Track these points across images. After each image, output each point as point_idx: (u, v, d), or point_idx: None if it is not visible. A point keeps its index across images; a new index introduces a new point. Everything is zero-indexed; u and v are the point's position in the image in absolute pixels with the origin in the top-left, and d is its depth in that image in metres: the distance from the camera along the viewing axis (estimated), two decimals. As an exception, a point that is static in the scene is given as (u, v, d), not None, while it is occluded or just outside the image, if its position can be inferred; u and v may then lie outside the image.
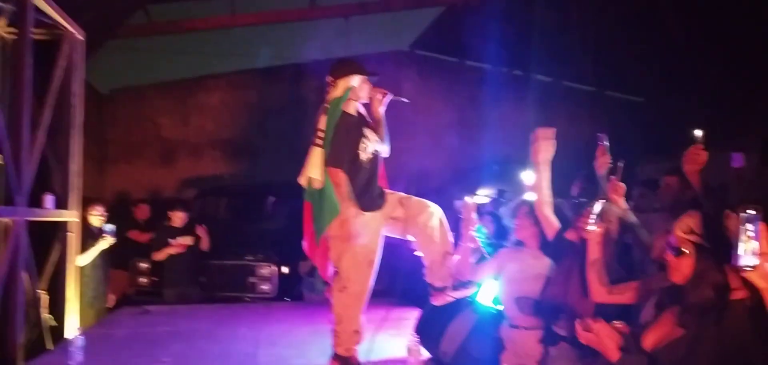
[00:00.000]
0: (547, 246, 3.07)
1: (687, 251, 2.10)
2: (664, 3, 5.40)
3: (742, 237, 1.49)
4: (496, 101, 10.22)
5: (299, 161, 3.57)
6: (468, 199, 3.51)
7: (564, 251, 2.82)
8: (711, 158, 2.82)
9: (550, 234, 3.06)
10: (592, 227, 2.47)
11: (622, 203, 3.22)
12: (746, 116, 7.19)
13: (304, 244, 3.66)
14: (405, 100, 3.64)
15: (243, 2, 8.30)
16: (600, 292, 2.50)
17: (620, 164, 3.10)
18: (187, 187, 9.70)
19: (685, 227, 2.14)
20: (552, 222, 3.08)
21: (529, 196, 3.65)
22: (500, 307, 3.60)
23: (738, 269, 1.50)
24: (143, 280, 6.44)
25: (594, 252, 2.50)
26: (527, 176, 4.85)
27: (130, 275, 6.50)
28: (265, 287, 6.49)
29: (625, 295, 2.51)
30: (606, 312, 2.38)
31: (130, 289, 6.50)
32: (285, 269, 6.56)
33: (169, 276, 6.17)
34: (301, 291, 6.50)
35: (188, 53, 9.85)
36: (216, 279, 6.48)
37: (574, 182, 5.69)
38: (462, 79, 10.89)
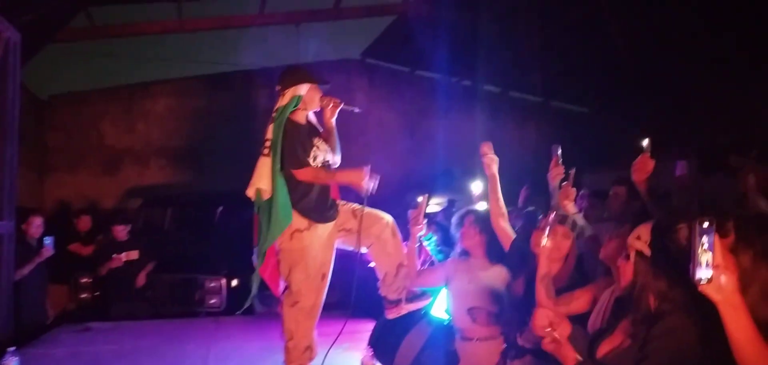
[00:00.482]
0: (504, 257, 3.09)
1: (632, 257, 2.16)
2: (608, 16, 5.56)
3: (698, 250, 1.49)
4: (446, 111, 10.34)
5: (249, 171, 3.50)
6: (420, 198, 3.50)
7: (524, 262, 2.84)
8: (656, 167, 2.92)
9: (506, 244, 3.08)
10: (544, 241, 2.49)
11: (573, 207, 3.30)
12: (685, 126, 7.49)
13: (254, 258, 3.58)
14: (356, 109, 3.60)
15: (191, 7, 8.09)
16: (547, 306, 2.54)
17: (571, 172, 3.17)
18: (131, 197, 9.38)
19: (637, 234, 2.19)
20: (508, 233, 3.10)
21: (479, 205, 3.69)
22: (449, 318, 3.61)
23: (694, 282, 1.51)
24: (85, 295, 6.17)
25: (543, 267, 2.53)
26: (476, 186, 4.92)
27: (70, 290, 6.21)
28: (213, 301, 6.32)
29: (571, 306, 2.55)
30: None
31: (70, 305, 6.22)
32: (235, 282, 6.41)
33: (114, 291, 5.94)
34: (252, 304, 6.36)
35: (133, 58, 9.56)
36: (162, 293, 6.27)
37: (520, 191, 5.80)
38: (412, 89, 10.97)
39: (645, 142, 2.85)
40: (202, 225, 7.69)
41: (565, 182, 3.27)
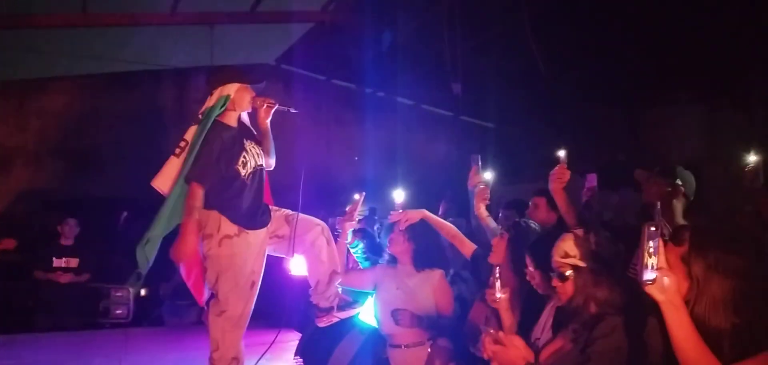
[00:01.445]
0: (429, 264, 3.16)
1: (568, 275, 2.28)
2: (529, 36, 5.86)
3: (645, 253, 1.59)
4: (361, 121, 10.40)
5: (154, 173, 3.34)
6: (357, 195, 3.52)
7: (483, 272, 2.92)
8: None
9: (468, 253, 3.16)
10: (499, 294, 2.56)
11: (485, 211, 3.44)
12: (586, 144, 7.99)
13: (182, 268, 3.41)
14: (293, 110, 3.55)
15: (96, 1, 7.62)
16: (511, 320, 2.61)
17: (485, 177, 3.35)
18: (24, 200, 8.65)
19: (562, 253, 2.31)
20: (467, 243, 3.18)
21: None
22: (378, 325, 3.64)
23: (640, 284, 1.62)
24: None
25: (507, 319, 2.60)
26: (398, 195, 4.99)
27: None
28: (119, 311, 6.00)
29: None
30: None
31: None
32: (143, 292, 6.11)
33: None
34: (162, 314, 6.09)
35: (29, 51, 8.84)
36: (61, 303, 5.85)
37: (440, 201, 5.95)
38: (328, 97, 10.94)
39: (561, 153, 3.04)
40: (106, 231, 7.26)
41: (481, 187, 3.42)
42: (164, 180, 3.17)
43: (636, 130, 7.70)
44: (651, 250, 1.58)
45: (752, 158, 3.75)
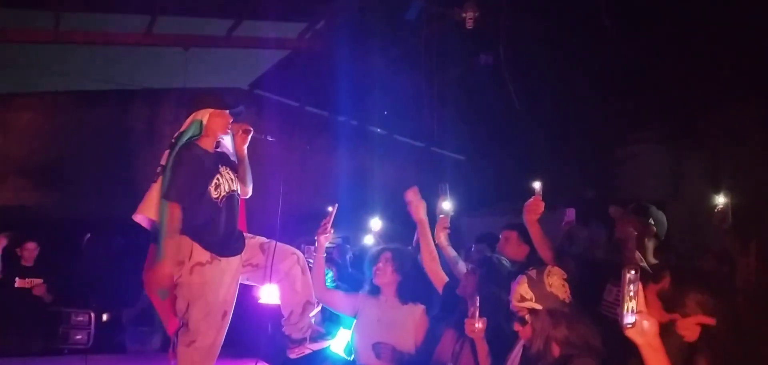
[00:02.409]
0: (418, 298, 3.14)
1: (527, 320, 2.28)
2: (506, 69, 5.98)
3: (626, 297, 1.61)
4: (334, 148, 10.40)
5: (121, 195, 3.30)
6: (330, 208, 3.50)
7: (454, 306, 2.91)
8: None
9: (440, 286, 3.15)
10: (479, 325, 2.57)
11: (445, 239, 3.45)
12: (557, 177, 8.13)
13: (150, 291, 3.34)
14: (270, 138, 3.54)
15: (70, 18, 7.50)
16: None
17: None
18: (-18, 218, 8.36)
19: (518, 297, 2.32)
20: (440, 275, 3.17)
21: (367, 239, 3.75)
22: (350, 358, 3.60)
23: (621, 327, 1.65)
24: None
25: (483, 348, 2.60)
26: (375, 223, 5.00)
27: None
28: (79, 336, 5.80)
29: None
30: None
31: None
32: (105, 317, 5.93)
33: None
34: (124, 341, 5.91)
35: (-1, 67, 8.61)
36: (19, 327, 5.64)
37: (414, 230, 5.96)
38: (301, 124, 10.92)
39: (537, 185, 3.09)
40: (67, 252, 7.05)
41: (441, 216, 3.46)
42: (151, 207, 3.11)
43: (605, 167, 7.87)
44: (631, 294, 1.61)
45: (721, 200, 3.86)
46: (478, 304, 2.54)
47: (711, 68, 5.91)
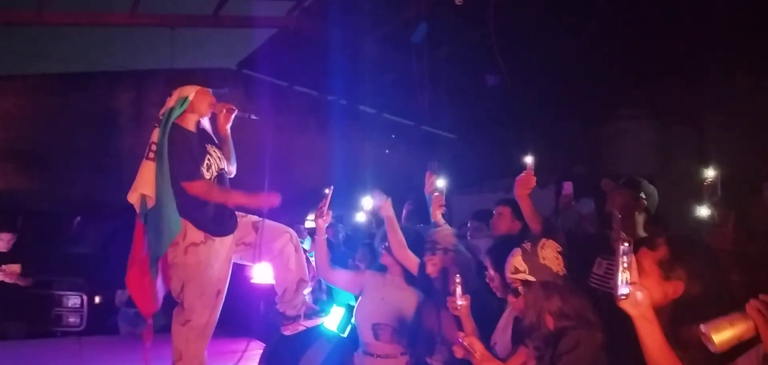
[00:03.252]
0: (415, 279, 3.16)
1: (521, 292, 2.30)
2: (496, 48, 5.98)
3: (620, 268, 1.63)
4: (323, 128, 10.38)
5: (109, 178, 3.27)
6: (327, 190, 3.50)
7: (434, 283, 2.92)
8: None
9: (414, 269, 3.15)
10: (461, 301, 2.58)
11: (441, 218, 3.47)
12: (547, 153, 8.18)
13: (129, 272, 3.29)
14: (253, 116, 3.51)
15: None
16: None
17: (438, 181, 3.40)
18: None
19: (512, 269, 2.33)
20: (412, 258, 3.18)
21: (359, 217, 3.76)
22: (344, 334, 3.63)
23: (615, 298, 1.66)
24: None
25: (468, 325, 2.61)
26: (367, 202, 5.00)
27: None
28: (72, 319, 5.80)
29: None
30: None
31: None
32: (97, 299, 5.92)
33: None
34: (117, 323, 5.91)
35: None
36: (11, 310, 5.61)
37: (403, 208, 5.98)
38: (290, 104, 10.87)
39: (529, 159, 3.10)
40: (58, 236, 7.02)
41: (436, 194, 3.46)
42: (145, 185, 3.09)
43: (594, 143, 7.92)
44: (625, 265, 1.63)
45: (710, 173, 3.90)
46: (459, 281, 2.54)
47: (697, 43, 5.95)
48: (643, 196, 3.29)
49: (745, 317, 1.49)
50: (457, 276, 2.61)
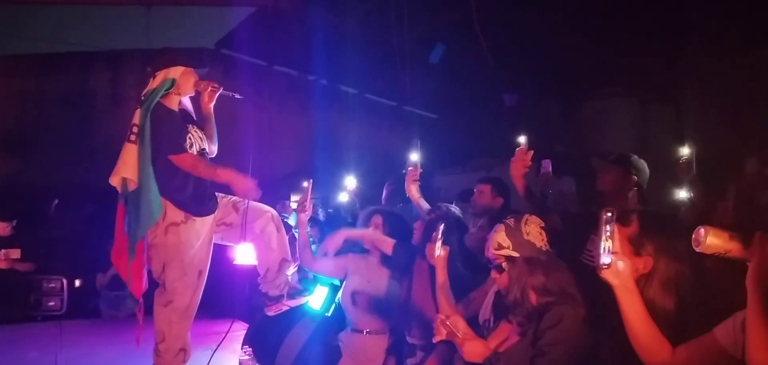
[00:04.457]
0: (389, 258, 3.16)
1: (504, 268, 2.29)
2: (478, 28, 5.97)
3: (602, 237, 1.64)
4: (303, 108, 10.30)
5: (87, 160, 3.23)
6: (305, 183, 3.49)
7: (409, 261, 2.93)
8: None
9: (389, 250, 3.16)
10: (439, 251, 2.57)
11: (416, 191, 3.48)
12: (527, 132, 8.23)
13: (113, 253, 3.28)
14: (237, 95, 3.48)
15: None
16: (451, 313, 2.64)
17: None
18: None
19: (495, 245, 2.32)
20: (386, 241, 3.18)
21: (342, 197, 3.77)
22: (328, 314, 3.64)
23: (597, 267, 1.68)
24: None
25: (441, 276, 2.61)
26: (350, 182, 5.01)
27: None
28: (52, 303, 5.72)
29: (469, 308, 2.68)
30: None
31: None
32: (77, 283, 5.85)
33: None
34: (98, 306, 5.85)
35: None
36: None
37: (384, 188, 5.99)
38: (269, 84, 10.75)
39: (522, 138, 3.09)
40: (35, 220, 6.90)
41: (410, 168, 3.48)
42: (127, 168, 3.05)
43: (573, 122, 7.98)
44: (607, 234, 1.64)
45: (685, 151, 3.94)
46: (442, 231, 2.54)
47: (675, 21, 5.99)
48: (634, 172, 3.29)
49: (743, 239, 1.52)
50: (441, 224, 2.61)
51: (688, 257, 1.82)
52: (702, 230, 1.53)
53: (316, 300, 3.70)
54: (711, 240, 1.52)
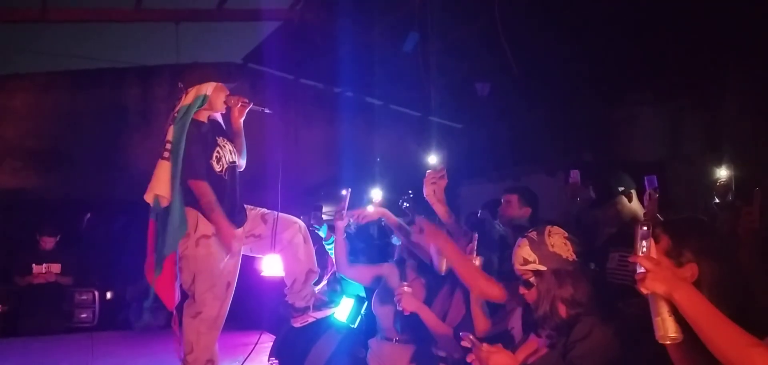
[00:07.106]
0: (425, 268, 3.15)
1: (533, 283, 2.26)
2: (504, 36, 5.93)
3: (638, 251, 1.65)
4: (330, 120, 10.35)
5: (119, 174, 3.30)
6: (344, 191, 3.51)
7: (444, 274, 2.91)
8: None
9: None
10: (475, 262, 2.56)
11: (434, 195, 3.40)
12: (558, 141, 8.12)
13: (145, 267, 3.34)
14: (267, 110, 3.52)
15: (58, -4, 7.38)
16: (485, 325, 2.61)
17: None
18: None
19: (521, 260, 2.29)
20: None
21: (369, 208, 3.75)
22: (354, 325, 3.62)
23: (635, 282, 1.65)
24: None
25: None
26: (376, 193, 4.98)
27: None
28: (84, 315, 5.82)
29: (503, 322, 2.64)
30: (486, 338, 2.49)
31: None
32: (108, 295, 5.94)
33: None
34: (129, 318, 5.93)
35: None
36: (22, 306, 5.65)
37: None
38: (296, 97, 10.84)
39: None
40: (69, 233, 7.04)
41: (428, 171, 3.43)
42: (161, 186, 3.10)
43: (602, 129, 7.84)
44: (643, 249, 1.64)
45: (723, 174, 3.82)
46: (476, 241, 2.54)
47: (708, 26, 5.86)
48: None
49: (654, 297, 1.59)
50: (475, 235, 2.61)
51: (724, 255, 1.78)
52: (664, 339, 1.59)
53: (343, 311, 3.69)
54: (672, 332, 1.59)
